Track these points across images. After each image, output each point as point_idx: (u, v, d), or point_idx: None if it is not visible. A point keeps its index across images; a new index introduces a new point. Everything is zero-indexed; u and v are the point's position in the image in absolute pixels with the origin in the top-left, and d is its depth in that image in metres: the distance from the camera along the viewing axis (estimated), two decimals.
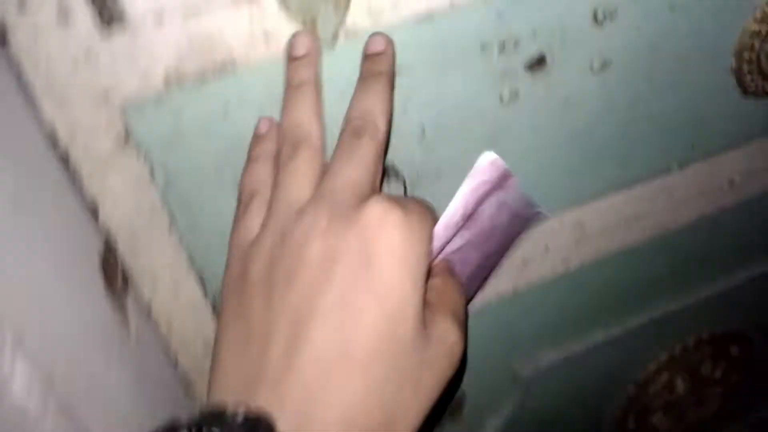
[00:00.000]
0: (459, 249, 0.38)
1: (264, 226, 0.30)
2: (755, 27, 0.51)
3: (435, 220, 0.32)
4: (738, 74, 0.54)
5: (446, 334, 0.28)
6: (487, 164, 0.38)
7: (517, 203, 0.44)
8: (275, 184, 0.31)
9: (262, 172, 0.32)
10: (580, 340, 0.70)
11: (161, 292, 0.44)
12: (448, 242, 0.35)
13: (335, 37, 0.37)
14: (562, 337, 0.69)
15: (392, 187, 0.45)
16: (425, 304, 0.28)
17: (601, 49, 0.47)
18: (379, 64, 0.33)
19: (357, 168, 0.29)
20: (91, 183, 0.38)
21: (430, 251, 0.30)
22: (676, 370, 0.79)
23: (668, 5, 0.46)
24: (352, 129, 0.30)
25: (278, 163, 0.31)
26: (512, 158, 0.50)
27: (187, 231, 0.42)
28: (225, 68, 0.36)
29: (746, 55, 0.53)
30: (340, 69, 0.39)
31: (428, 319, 0.27)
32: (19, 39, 0.31)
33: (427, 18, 0.40)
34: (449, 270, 0.32)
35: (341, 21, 0.36)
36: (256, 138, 0.34)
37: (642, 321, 0.72)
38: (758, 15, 0.51)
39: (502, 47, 0.44)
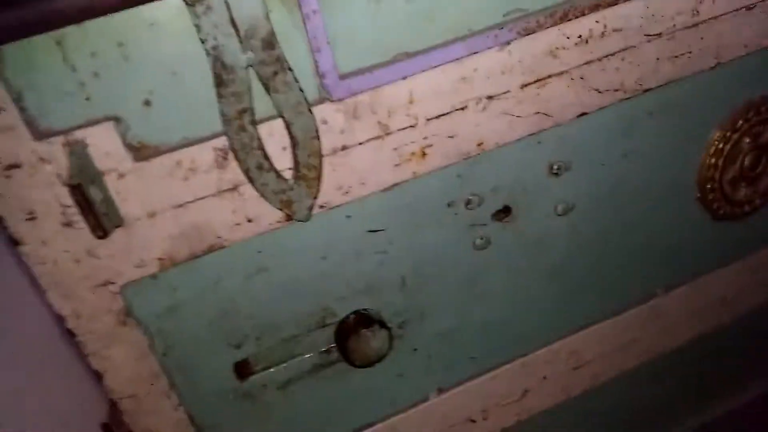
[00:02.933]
0: None
1: None
2: (711, 161, 0.55)
3: None
4: (704, 203, 0.57)
5: None
6: None
7: None
8: None
9: None
10: None
11: None
12: None
13: (309, 214, 0.41)
14: None
15: (378, 335, 0.48)
16: None
17: (562, 195, 0.51)
18: None
19: None
20: (95, 356, 0.42)
21: None
22: None
23: (620, 153, 0.51)
24: None
25: None
26: (493, 297, 0.53)
27: (187, 393, 0.45)
28: (213, 248, 0.41)
29: (708, 185, 0.56)
30: (317, 236, 0.44)
31: None
32: (29, 244, 0.37)
33: (394, 187, 0.44)
34: None
35: (313, 202, 0.41)
36: None
37: None
38: (711, 150, 0.54)
39: (467, 203, 0.48)
